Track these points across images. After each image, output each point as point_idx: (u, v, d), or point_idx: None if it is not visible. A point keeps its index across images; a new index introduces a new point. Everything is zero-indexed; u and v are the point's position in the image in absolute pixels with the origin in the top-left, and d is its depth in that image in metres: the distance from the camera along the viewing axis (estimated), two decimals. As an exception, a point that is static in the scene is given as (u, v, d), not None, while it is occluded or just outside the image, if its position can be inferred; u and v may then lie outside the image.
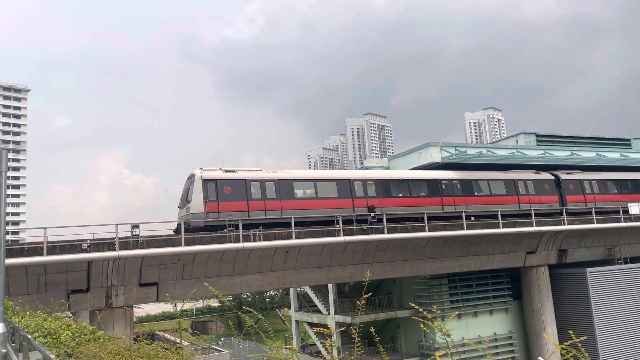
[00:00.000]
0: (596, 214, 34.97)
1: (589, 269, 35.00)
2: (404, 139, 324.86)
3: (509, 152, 39.21)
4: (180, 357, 6.97)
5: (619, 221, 35.59)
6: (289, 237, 25.05)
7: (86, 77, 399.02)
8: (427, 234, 28.56)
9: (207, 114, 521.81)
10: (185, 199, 26.35)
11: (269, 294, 78.13)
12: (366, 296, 7.07)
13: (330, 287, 38.85)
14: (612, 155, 43.44)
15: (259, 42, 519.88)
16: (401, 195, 30.90)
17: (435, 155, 35.84)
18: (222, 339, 59.56)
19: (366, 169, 41.39)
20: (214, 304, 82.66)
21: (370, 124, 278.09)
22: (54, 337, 8.37)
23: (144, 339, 8.83)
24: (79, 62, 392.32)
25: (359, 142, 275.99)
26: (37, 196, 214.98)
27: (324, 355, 38.61)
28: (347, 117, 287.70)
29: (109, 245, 21.66)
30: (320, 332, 7.64)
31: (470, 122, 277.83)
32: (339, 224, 26.29)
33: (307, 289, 43.13)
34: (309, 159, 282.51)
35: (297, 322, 45.87)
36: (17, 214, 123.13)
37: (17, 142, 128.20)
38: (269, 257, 25.92)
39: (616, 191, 39.17)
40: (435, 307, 11.19)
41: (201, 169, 26.23)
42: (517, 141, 45.22)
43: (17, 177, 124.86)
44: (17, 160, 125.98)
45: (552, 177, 36.71)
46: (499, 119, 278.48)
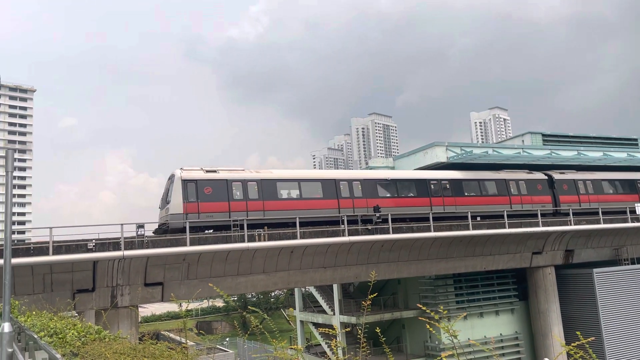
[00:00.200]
0: (603, 214, 34.74)
1: (595, 270, 34.80)
2: (409, 139, 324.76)
3: (515, 152, 39.08)
4: (185, 357, 6.96)
5: (626, 221, 35.37)
6: (294, 237, 25.05)
7: (91, 77, 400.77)
8: (432, 234, 28.49)
9: (211, 113, 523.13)
10: (165, 199, 25.94)
11: (273, 294, 78.13)
12: (371, 296, 7.05)
13: (335, 287, 38.84)
14: (619, 155, 43.17)
15: (263, 42, 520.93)
16: (389, 195, 30.26)
17: (440, 155, 35.75)
18: (227, 339, 59.55)
19: (371, 168, 41.32)
20: (219, 303, 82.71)
21: (375, 123, 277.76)
22: (60, 336, 8.40)
23: (149, 339, 8.84)
24: (84, 62, 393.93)
25: (364, 142, 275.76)
26: (43, 196, 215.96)
27: (329, 355, 38.56)
28: (352, 117, 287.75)
29: (114, 245, 21.76)
30: (325, 332, 7.62)
31: (476, 122, 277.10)
32: (344, 224, 26.28)
33: (312, 289, 43.13)
34: (314, 158, 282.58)
35: (302, 322, 45.91)
36: (23, 214, 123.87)
37: (23, 142, 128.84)
38: (274, 257, 25.93)
39: (612, 191, 38.33)
40: (441, 307, 11.12)
41: (181, 169, 25.70)
42: (523, 141, 45.08)
43: (23, 177, 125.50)
44: (23, 160, 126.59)
45: (545, 177, 35.94)
46: (504, 119, 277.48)
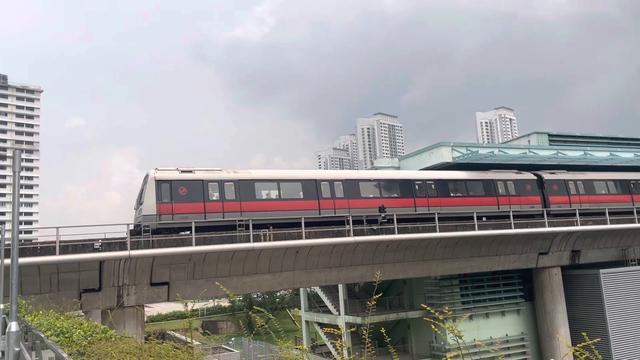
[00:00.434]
0: (609, 214, 34.53)
1: (602, 270, 34.62)
2: (414, 139, 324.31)
3: (521, 152, 38.89)
4: (190, 357, 6.98)
5: (633, 222, 35.14)
6: (299, 237, 25.05)
7: (97, 77, 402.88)
8: (438, 234, 28.43)
9: (216, 113, 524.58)
10: (139, 200, 25.57)
11: (279, 294, 78.26)
12: (376, 297, 7.05)
13: (340, 287, 38.80)
14: (626, 155, 42.86)
15: (268, 42, 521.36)
16: (372, 196, 29.47)
17: (446, 155, 35.66)
18: (233, 339, 59.74)
19: (376, 169, 41.27)
20: (225, 303, 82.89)
21: (380, 123, 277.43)
22: (66, 335, 8.45)
23: (155, 338, 8.88)
24: (90, 62, 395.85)
25: (369, 142, 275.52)
26: (50, 196, 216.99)
27: (334, 355, 38.52)
28: (357, 117, 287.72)
29: (120, 244, 21.85)
30: (330, 332, 7.63)
31: (481, 122, 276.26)
32: (349, 224, 26.26)
33: (318, 289, 43.11)
34: (319, 159, 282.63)
35: (307, 322, 45.92)
36: (30, 214, 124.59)
37: (31, 142, 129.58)
38: (279, 257, 25.95)
39: (604, 192, 37.38)
40: (446, 308, 11.07)
41: (156, 169, 25.13)
42: (529, 141, 44.95)
43: (30, 177, 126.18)
44: (31, 160, 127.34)
45: (534, 177, 35.07)
46: (510, 119, 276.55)
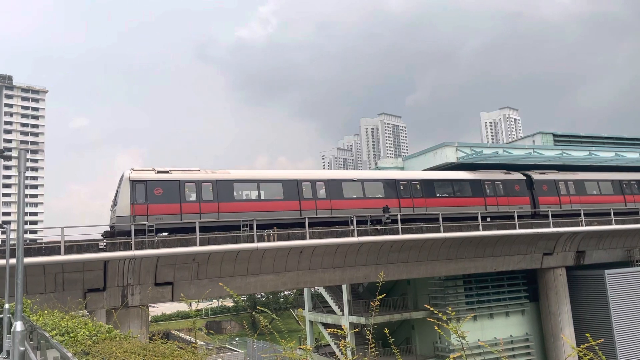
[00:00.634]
0: (615, 214, 34.39)
1: (607, 271, 34.48)
2: (419, 139, 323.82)
3: (525, 152, 38.76)
4: (194, 357, 6.99)
5: (638, 222, 34.99)
6: (303, 237, 25.07)
7: (102, 77, 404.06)
8: (442, 234, 28.37)
9: (220, 114, 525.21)
10: (114, 201, 25.28)
11: (283, 294, 78.20)
12: (380, 297, 7.03)
13: (344, 287, 38.80)
14: (631, 155, 42.68)
15: (272, 42, 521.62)
16: (355, 197, 29.08)
17: (450, 155, 35.60)
18: (237, 339, 59.72)
19: (380, 169, 41.24)
20: (229, 303, 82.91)
21: (384, 124, 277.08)
22: (71, 335, 8.48)
23: (159, 338, 8.89)
24: (94, 61, 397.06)
25: (373, 142, 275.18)
26: (55, 196, 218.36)
27: (338, 356, 38.55)
28: (361, 117, 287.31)
29: (125, 244, 21.90)
30: (334, 332, 7.62)
31: (486, 122, 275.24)
32: (353, 224, 26.24)
33: (321, 290, 43.11)
34: (323, 159, 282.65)
35: (311, 322, 45.91)
36: (35, 214, 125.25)
37: (36, 142, 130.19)
38: (283, 257, 25.97)
39: (595, 192, 36.95)
40: (450, 308, 11.08)
41: (131, 169, 24.76)
42: (534, 141, 44.79)
43: (35, 177, 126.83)
44: (35, 160, 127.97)
45: (524, 178, 34.65)
46: (515, 119, 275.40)
